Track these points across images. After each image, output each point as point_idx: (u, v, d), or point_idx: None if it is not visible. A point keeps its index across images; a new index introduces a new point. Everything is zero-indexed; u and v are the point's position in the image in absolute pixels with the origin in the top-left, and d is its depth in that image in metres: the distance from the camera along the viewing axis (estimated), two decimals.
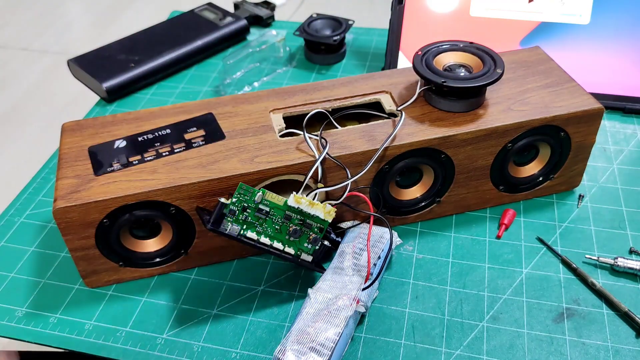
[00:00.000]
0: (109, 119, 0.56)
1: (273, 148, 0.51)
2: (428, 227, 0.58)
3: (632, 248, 0.55)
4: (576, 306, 0.50)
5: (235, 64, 0.79)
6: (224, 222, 0.47)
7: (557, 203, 0.60)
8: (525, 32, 0.74)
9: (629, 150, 0.66)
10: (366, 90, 0.57)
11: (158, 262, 0.53)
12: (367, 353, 0.47)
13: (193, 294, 0.52)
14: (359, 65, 0.82)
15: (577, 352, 0.47)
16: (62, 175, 0.49)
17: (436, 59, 0.55)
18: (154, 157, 0.50)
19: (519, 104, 0.54)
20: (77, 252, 0.50)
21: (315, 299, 0.47)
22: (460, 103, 0.53)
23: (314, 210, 0.47)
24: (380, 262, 0.50)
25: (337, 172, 0.50)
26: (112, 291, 0.53)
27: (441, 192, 0.56)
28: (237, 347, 0.48)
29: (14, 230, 0.59)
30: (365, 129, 0.52)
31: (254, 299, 0.52)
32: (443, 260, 0.54)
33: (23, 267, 0.56)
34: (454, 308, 0.50)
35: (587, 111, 0.54)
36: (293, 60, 0.83)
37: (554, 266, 0.54)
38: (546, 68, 0.59)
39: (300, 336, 0.44)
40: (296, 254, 0.49)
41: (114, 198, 0.47)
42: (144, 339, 0.49)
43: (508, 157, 0.55)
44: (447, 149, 0.52)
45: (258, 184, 0.49)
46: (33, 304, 0.52)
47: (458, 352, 0.47)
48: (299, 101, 0.56)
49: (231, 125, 0.53)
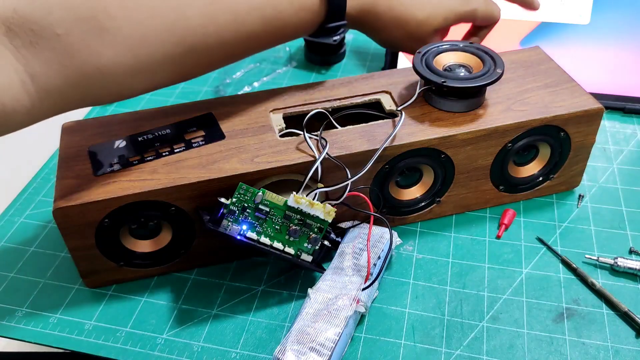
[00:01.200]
0: (109, 119, 0.56)
1: (273, 148, 0.51)
2: (428, 227, 0.58)
3: (632, 248, 0.55)
4: (576, 306, 0.50)
5: (235, 64, 0.79)
6: (223, 222, 0.47)
7: (557, 203, 0.60)
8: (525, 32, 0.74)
9: (629, 150, 0.66)
10: (366, 90, 0.57)
11: (158, 262, 0.53)
12: (367, 353, 0.47)
13: (193, 294, 0.52)
14: (359, 65, 0.82)
15: (577, 352, 0.47)
16: (62, 175, 0.49)
17: (436, 59, 0.55)
18: (153, 157, 0.50)
19: (519, 104, 0.54)
20: (77, 252, 0.50)
21: (315, 299, 0.47)
22: (460, 103, 0.53)
23: (313, 210, 0.47)
24: (380, 262, 0.50)
25: (337, 172, 0.50)
26: (112, 291, 0.53)
27: (441, 192, 0.56)
28: (237, 347, 0.48)
29: (14, 230, 0.59)
30: (365, 129, 0.52)
31: (254, 299, 0.52)
32: (443, 260, 0.54)
33: (23, 267, 0.56)
34: (453, 308, 0.50)
35: (587, 111, 0.54)
36: (293, 60, 0.83)
37: (554, 266, 0.54)
38: (546, 68, 0.59)
39: (300, 336, 0.44)
40: (296, 254, 0.49)
41: (114, 198, 0.47)
42: (143, 339, 0.49)
43: (508, 157, 0.55)
44: (447, 149, 0.52)
45: (258, 184, 0.49)
46: (33, 304, 0.52)
47: (458, 352, 0.47)
48: (299, 101, 0.56)
49: (231, 125, 0.53)
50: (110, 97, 0.46)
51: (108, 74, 0.44)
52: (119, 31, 0.43)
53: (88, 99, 0.45)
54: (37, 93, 0.41)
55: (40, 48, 0.40)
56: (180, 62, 0.48)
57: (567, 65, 0.71)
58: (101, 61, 0.43)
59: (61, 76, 0.42)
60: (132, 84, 0.46)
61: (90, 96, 0.45)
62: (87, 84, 0.43)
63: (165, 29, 0.45)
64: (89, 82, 0.43)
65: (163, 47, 0.46)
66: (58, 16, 0.40)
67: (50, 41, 0.40)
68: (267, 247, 0.48)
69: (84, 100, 0.45)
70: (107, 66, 0.43)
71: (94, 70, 0.43)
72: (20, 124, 0.42)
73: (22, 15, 0.39)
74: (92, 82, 0.43)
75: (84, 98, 0.44)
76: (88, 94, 0.44)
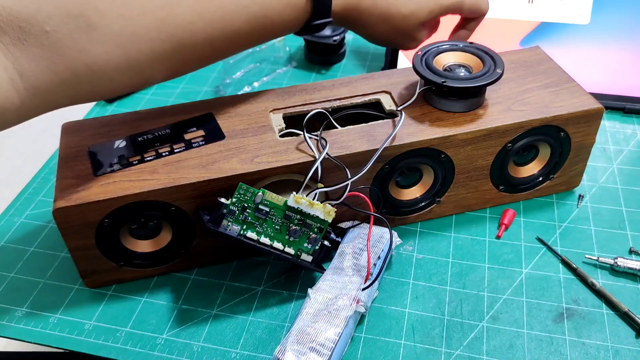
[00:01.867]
0: (109, 119, 0.56)
1: (273, 148, 0.51)
2: (428, 227, 0.58)
3: (632, 248, 0.55)
4: (576, 306, 0.50)
5: (235, 64, 0.79)
6: (223, 222, 0.47)
7: (557, 203, 0.60)
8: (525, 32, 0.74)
9: (629, 150, 0.66)
10: (366, 90, 0.57)
11: (158, 262, 0.53)
12: (367, 353, 0.47)
13: (193, 294, 0.52)
14: (359, 65, 0.82)
15: (577, 352, 0.47)
16: (62, 175, 0.49)
17: (436, 59, 0.55)
18: (153, 157, 0.50)
19: (519, 104, 0.54)
20: (77, 252, 0.50)
21: (315, 299, 0.47)
22: (460, 103, 0.53)
23: (313, 210, 0.47)
24: (380, 262, 0.50)
25: (337, 172, 0.50)
26: (112, 291, 0.53)
27: (441, 192, 0.56)
28: (237, 347, 0.48)
29: (14, 230, 0.59)
30: (365, 129, 0.52)
31: (254, 299, 0.52)
32: (443, 261, 0.54)
33: (23, 267, 0.56)
34: (453, 308, 0.50)
35: (587, 111, 0.54)
36: (293, 60, 0.83)
37: (554, 266, 0.54)
38: (546, 68, 0.59)
39: (300, 336, 0.44)
40: (296, 254, 0.49)
41: (114, 198, 0.47)
42: (143, 339, 0.49)
43: (508, 157, 0.55)
44: (447, 149, 0.52)
45: (258, 184, 0.49)
46: (33, 304, 0.52)
47: (458, 352, 0.47)
48: (299, 101, 0.56)
49: (231, 125, 0.53)
50: (100, 94, 0.46)
51: (97, 70, 0.43)
52: (109, 28, 0.43)
53: (78, 96, 0.45)
54: (27, 91, 0.41)
55: (29, 45, 0.40)
56: (169, 59, 0.48)
57: (567, 65, 0.71)
58: (90, 58, 0.43)
59: (50, 73, 0.41)
60: (122, 80, 0.46)
61: (80, 93, 0.45)
62: (77, 81, 0.43)
63: (155, 25, 0.45)
64: (78, 79, 0.43)
65: (152, 43, 0.46)
66: (47, 13, 0.40)
67: (39, 38, 0.40)
68: (267, 247, 0.48)
69: (74, 97, 0.45)
70: (96, 63, 0.43)
71: (83, 67, 0.43)
72: (9, 122, 0.41)
73: (11, 13, 0.39)
74: (81, 79, 0.43)
75: (74, 95, 0.44)
76: (78, 91, 0.44)
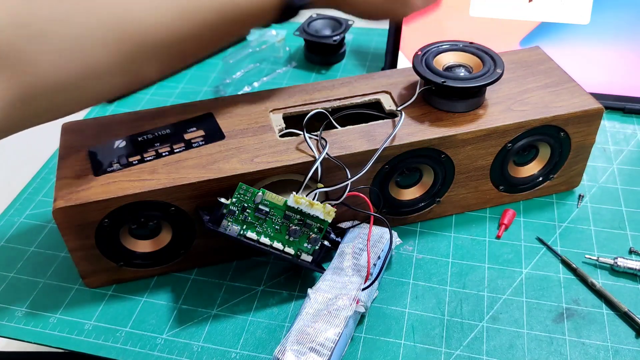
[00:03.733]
0: (109, 119, 0.56)
1: (273, 148, 0.51)
2: (428, 227, 0.58)
3: (632, 248, 0.55)
4: (576, 306, 0.50)
5: (235, 64, 0.79)
6: (223, 222, 0.47)
7: (557, 203, 0.60)
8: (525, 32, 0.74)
9: (629, 150, 0.66)
10: (366, 90, 0.57)
11: (158, 262, 0.53)
12: (367, 353, 0.47)
13: (193, 294, 0.52)
14: (359, 65, 0.82)
15: (577, 352, 0.47)
16: (62, 175, 0.49)
17: (436, 59, 0.55)
18: (153, 157, 0.50)
19: (518, 104, 0.54)
20: (77, 252, 0.50)
21: (315, 299, 0.47)
22: (460, 103, 0.53)
23: (313, 210, 0.47)
24: (380, 262, 0.50)
25: (337, 172, 0.50)
26: (112, 291, 0.53)
27: (441, 192, 0.56)
28: (237, 347, 0.48)
29: (14, 230, 0.59)
30: (365, 129, 0.52)
31: (253, 299, 0.52)
32: (443, 261, 0.54)
33: (23, 267, 0.56)
34: (453, 308, 0.50)
35: (587, 111, 0.54)
36: (293, 60, 0.83)
37: (554, 266, 0.54)
38: (546, 68, 0.59)
39: (300, 336, 0.44)
40: (296, 254, 0.49)
41: (114, 198, 0.47)
42: (143, 339, 0.49)
43: (508, 157, 0.55)
44: (447, 149, 0.52)
45: (258, 184, 0.49)
46: (33, 304, 0.52)
47: (458, 352, 0.47)
48: (299, 101, 0.56)
49: (231, 125, 0.53)
50: (67, 108, 0.43)
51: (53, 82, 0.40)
52: (55, 34, 0.39)
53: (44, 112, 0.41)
54: None
55: None
56: (132, 62, 0.44)
57: (567, 65, 0.71)
58: (41, 69, 0.39)
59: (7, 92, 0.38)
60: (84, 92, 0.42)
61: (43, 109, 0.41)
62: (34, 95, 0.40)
63: (105, 26, 0.41)
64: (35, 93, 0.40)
65: (106, 46, 0.42)
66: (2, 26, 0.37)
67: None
68: (267, 247, 0.48)
69: (39, 115, 0.41)
70: (48, 73, 0.40)
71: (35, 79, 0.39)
72: None
73: None
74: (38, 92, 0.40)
75: (37, 113, 0.41)
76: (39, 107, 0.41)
